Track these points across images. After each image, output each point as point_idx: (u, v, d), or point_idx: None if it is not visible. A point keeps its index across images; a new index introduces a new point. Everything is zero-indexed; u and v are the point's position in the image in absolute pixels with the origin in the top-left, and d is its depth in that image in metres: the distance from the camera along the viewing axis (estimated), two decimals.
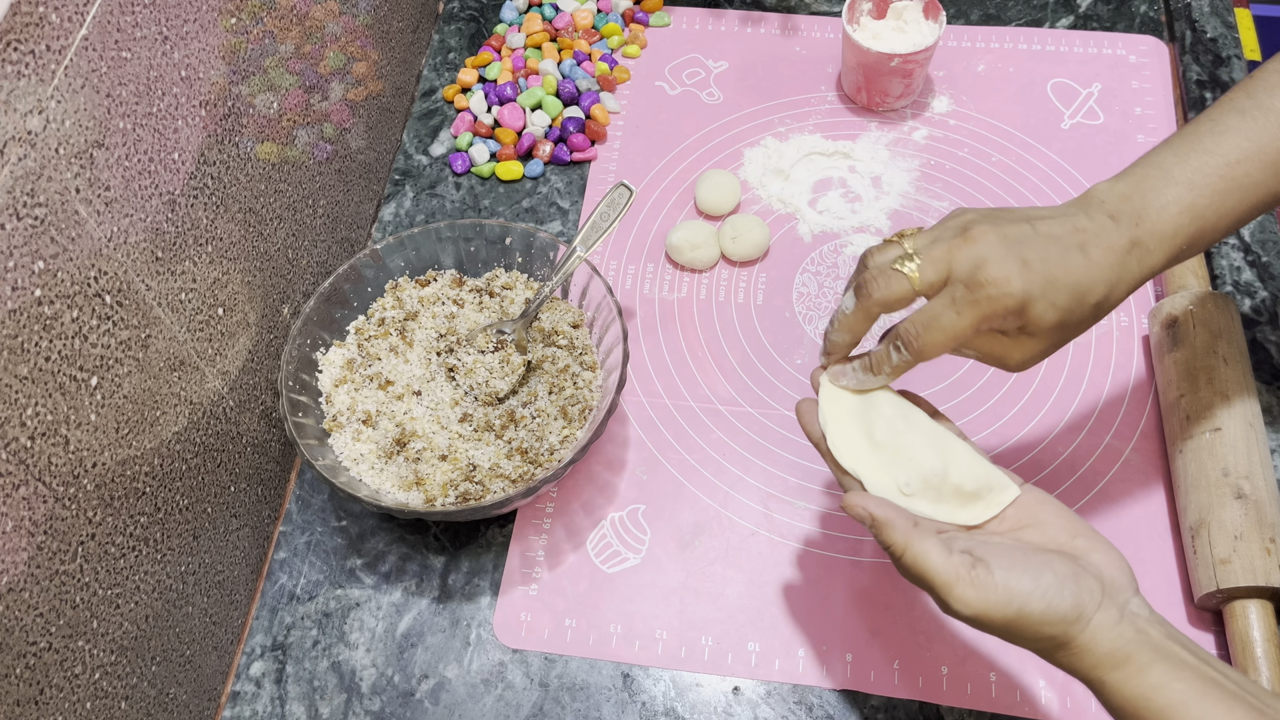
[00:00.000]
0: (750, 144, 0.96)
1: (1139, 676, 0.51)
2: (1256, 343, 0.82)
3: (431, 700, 0.72)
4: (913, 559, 0.54)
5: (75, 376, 0.54)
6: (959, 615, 0.53)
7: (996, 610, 0.52)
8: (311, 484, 0.81)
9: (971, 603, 0.52)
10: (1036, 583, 0.52)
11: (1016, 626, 0.52)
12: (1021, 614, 0.52)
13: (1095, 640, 0.52)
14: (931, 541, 0.54)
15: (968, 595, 0.52)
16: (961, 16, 1.03)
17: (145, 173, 0.59)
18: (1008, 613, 0.52)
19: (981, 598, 0.52)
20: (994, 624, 0.53)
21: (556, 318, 0.81)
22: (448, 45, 1.04)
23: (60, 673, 0.55)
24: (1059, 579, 0.53)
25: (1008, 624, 0.52)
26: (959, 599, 0.53)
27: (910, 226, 0.60)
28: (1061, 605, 0.52)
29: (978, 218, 0.56)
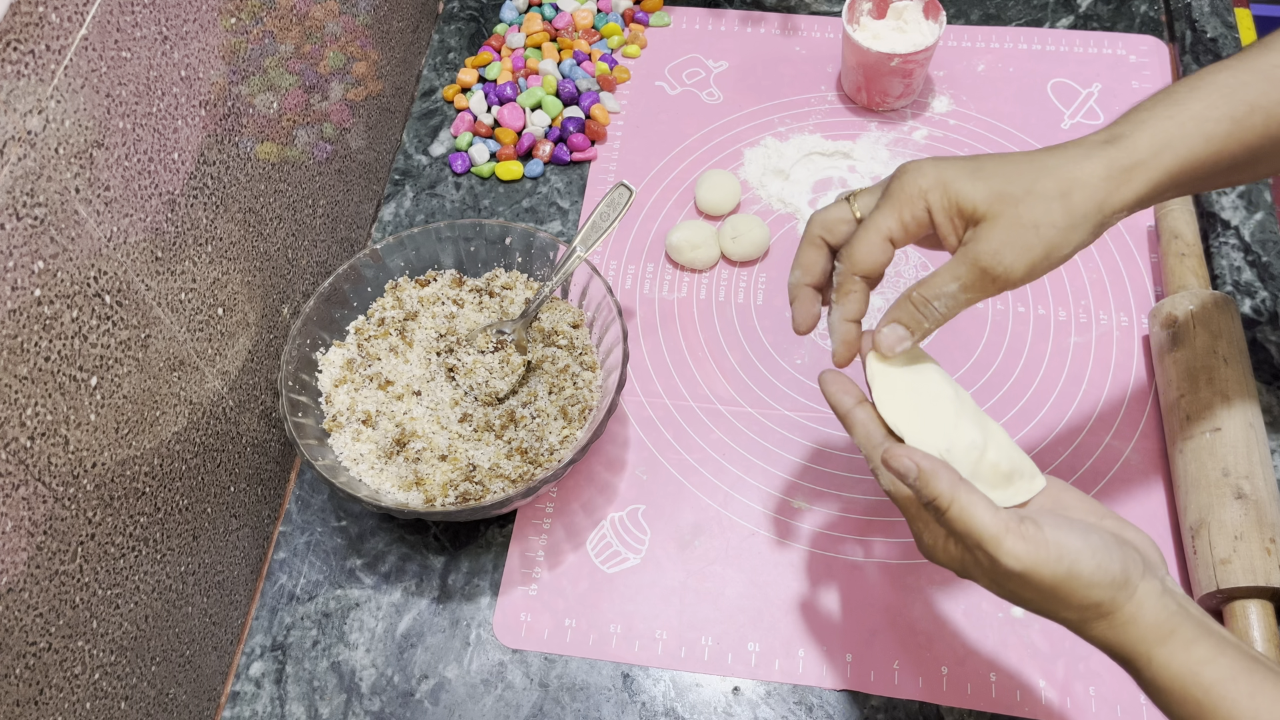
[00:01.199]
0: (750, 144, 0.96)
1: (1185, 651, 0.49)
2: (1256, 343, 0.82)
3: (431, 700, 0.72)
4: (959, 510, 0.51)
5: (75, 376, 0.54)
6: (1006, 571, 0.50)
7: (1047, 566, 0.50)
8: (311, 484, 0.81)
9: (1022, 556, 0.50)
10: (1086, 542, 0.51)
11: (1065, 588, 0.50)
12: (1072, 573, 0.50)
13: (1142, 610, 0.50)
14: (979, 495, 0.52)
15: (1018, 549, 0.50)
16: (961, 16, 1.02)
17: (145, 173, 0.59)
18: (1058, 570, 0.50)
19: (1032, 551, 0.50)
20: (1042, 583, 0.50)
21: (556, 318, 0.81)
22: (448, 45, 1.04)
23: (60, 673, 0.55)
24: (1105, 543, 0.51)
25: (1056, 585, 0.50)
26: (1009, 552, 0.50)
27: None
28: (1111, 567, 0.50)
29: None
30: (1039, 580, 0.50)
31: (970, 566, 0.54)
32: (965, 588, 0.74)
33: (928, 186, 0.55)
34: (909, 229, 0.56)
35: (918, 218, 0.55)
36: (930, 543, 0.55)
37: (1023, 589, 0.52)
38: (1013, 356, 0.84)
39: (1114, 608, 0.51)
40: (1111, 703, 0.70)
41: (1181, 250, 0.83)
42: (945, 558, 0.55)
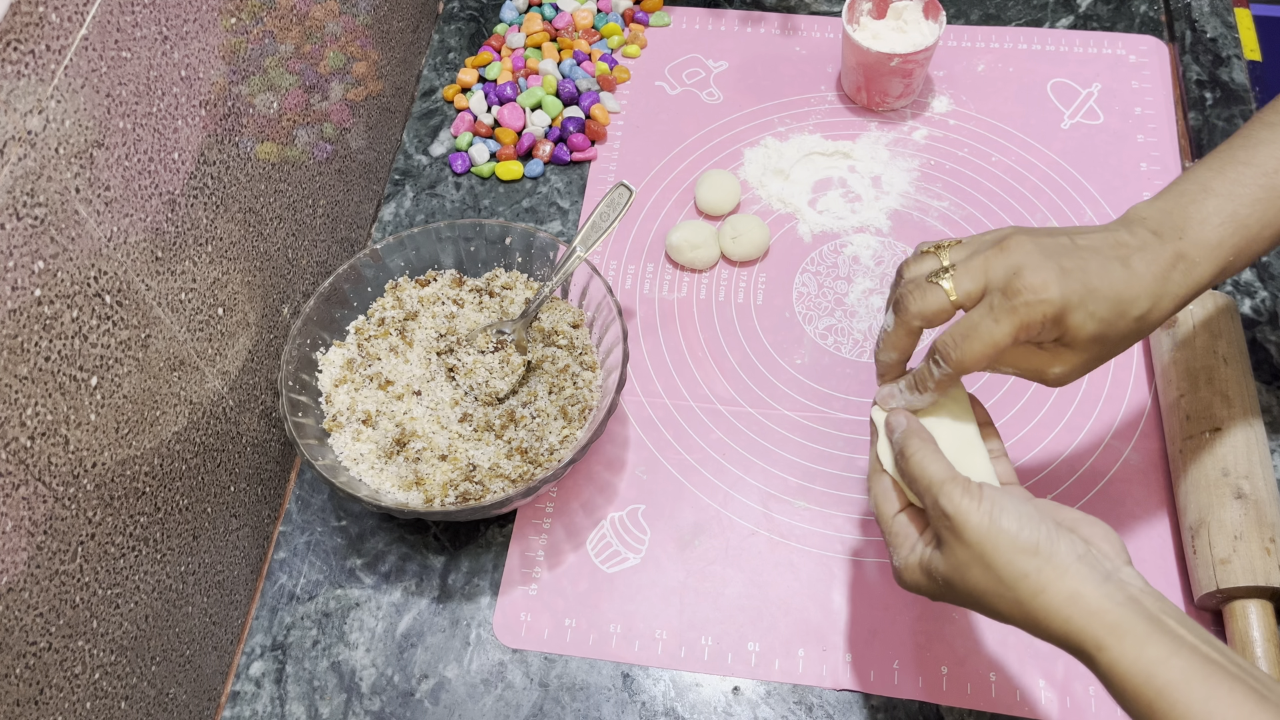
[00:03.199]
0: (750, 144, 0.96)
1: (1138, 649, 0.49)
2: (1256, 343, 0.82)
3: (431, 700, 0.72)
4: (917, 461, 0.55)
5: (75, 376, 0.54)
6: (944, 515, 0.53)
7: (974, 514, 0.52)
8: (311, 484, 0.81)
9: (955, 498, 0.53)
10: (1015, 504, 0.53)
11: (990, 543, 0.52)
12: (994, 526, 0.52)
13: (1082, 591, 0.50)
14: (942, 456, 0.55)
15: (954, 491, 0.53)
16: (961, 16, 1.02)
17: (145, 173, 0.59)
18: (983, 521, 0.52)
19: (966, 498, 0.53)
20: (969, 533, 0.52)
21: (556, 318, 0.81)
22: (448, 45, 1.04)
23: (60, 673, 0.55)
24: (1034, 513, 0.53)
25: (982, 537, 0.52)
26: (946, 494, 0.53)
27: (946, 239, 0.60)
28: (1032, 531, 0.52)
29: (1014, 230, 0.57)
30: (964, 528, 0.52)
31: (925, 561, 0.55)
32: None
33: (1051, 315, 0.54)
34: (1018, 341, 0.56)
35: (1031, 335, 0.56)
36: (899, 562, 0.58)
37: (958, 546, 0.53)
38: None
39: (1045, 581, 0.51)
40: (1111, 703, 0.69)
41: None
42: (908, 573, 0.57)
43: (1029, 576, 0.51)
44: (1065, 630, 0.51)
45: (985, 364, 0.56)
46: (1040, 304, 0.54)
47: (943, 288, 0.56)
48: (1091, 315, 0.54)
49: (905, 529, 0.58)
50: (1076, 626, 0.50)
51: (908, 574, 0.57)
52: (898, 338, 0.59)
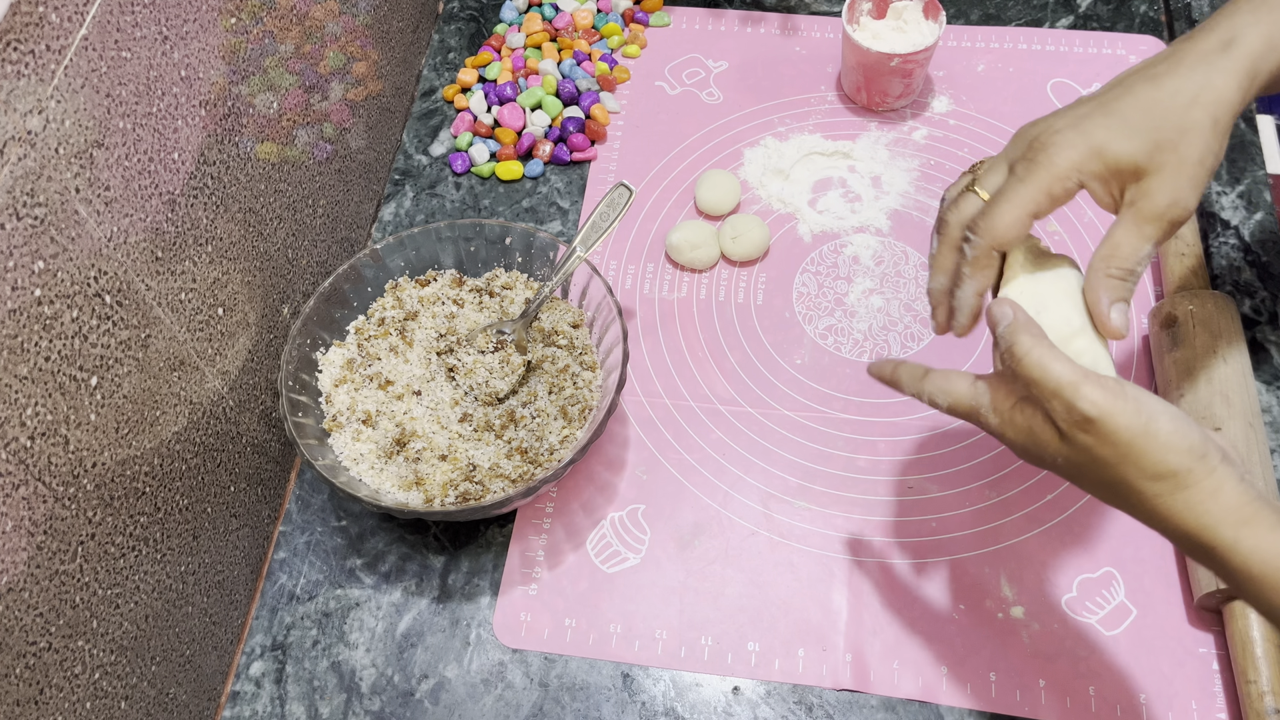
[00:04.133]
0: (750, 144, 0.96)
1: (1272, 534, 0.48)
2: (1256, 343, 0.82)
3: (431, 700, 0.72)
4: (1037, 360, 0.51)
5: (75, 376, 0.54)
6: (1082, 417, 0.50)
7: (1124, 415, 0.49)
8: (311, 484, 0.81)
9: (1099, 401, 0.50)
10: (1165, 407, 0.50)
11: (1140, 445, 0.49)
12: (1149, 430, 0.49)
13: (1223, 488, 0.49)
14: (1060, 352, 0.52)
15: (1095, 394, 0.50)
16: (961, 16, 1.03)
17: (145, 173, 0.59)
18: (1135, 423, 0.49)
19: (1110, 398, 0.50)
20: (1118, 434, 0.50)
21: (556, 318, 0.81)
22: (448, 45, 1.04)
23: (60, 673, 0.55)
24: (1184, 415, 0.51)
25: (1132, 439, 0.49)
26: (1085, 396, 0.50)
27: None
28: (1190, 433, 0.50)
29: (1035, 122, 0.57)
30: (1114, 430, 0.50)
31: (1039, 432, 0.53)
32: (964, 587, 0.74)
33: (1079, 160, 0.54)
34: (1056, 200, 0.55)
35: (1068, 191, 0.55)
36: (997, 422, 0.54)
37: (1097, 445, 0.50)
38: None
39: (1193, 480, 0.49)
40: (1111, 703, 0.70)
41: (1181, 250, 0.83)
42: (1013, 431, 0.54)
43: (1178, 474, 0.50)
44: (1200, 525, 0.50)
45: (1019, 226, 0.55)
46: (1063, 148, 0.53)
47: (975, 191, 0.57)
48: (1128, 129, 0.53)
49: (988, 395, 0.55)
50: (1214, 520, 0.49)
51: (1013, 432, 0.54)
52: (943, 257, 0.59)
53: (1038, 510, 0.77)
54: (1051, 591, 0.74)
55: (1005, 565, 0.75)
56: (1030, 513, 0.77)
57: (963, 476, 0.78)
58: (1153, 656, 0.71)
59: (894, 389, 0.61)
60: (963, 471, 0.79)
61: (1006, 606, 0.73)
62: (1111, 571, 0.74)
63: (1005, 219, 0.55)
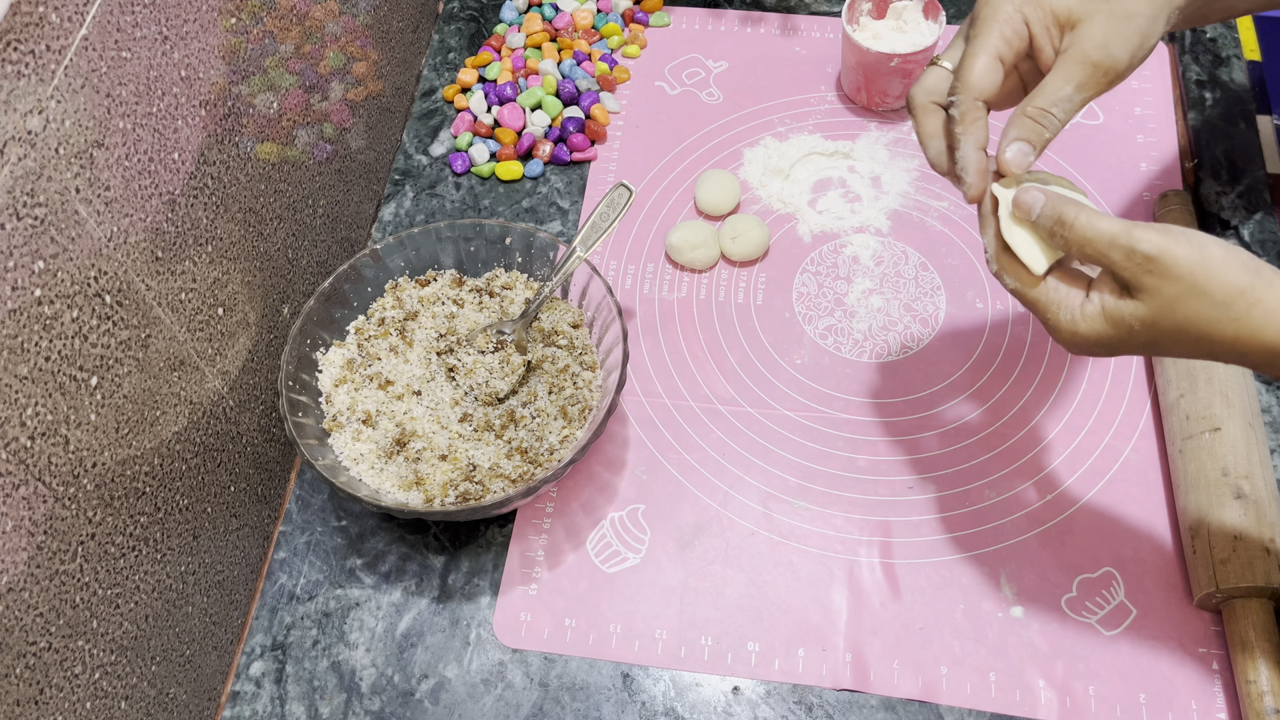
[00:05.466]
0: (750, 144, 0.96)
1: None
2: None
3: (431, 700, 0.72)
4: (1087, 219, 0.53)
5: (75, 376, 0.54)
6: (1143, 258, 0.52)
7: (1180, 246, 0.51)
8: (311, 484, 0.81)
9: (1154, 239, 0.52)
10: (1209, 236, 0.52)
11: (1203, 271, 0.51)
12: (1204, 254, 0.51)
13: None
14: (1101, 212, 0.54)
15: (1149, 234, 0.52)
16: (961, 16, 1.02)
17: (145, 173, 0.59)
18: (1191, 251, 0.51)
19: (1162, 235, 0.52)
20: (1179, 265, 0.51)
21: (556, 318, 0.81)
22: (448, 45, 1.04)
23: (60, 673, 0.55)
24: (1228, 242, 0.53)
25: (1193, 267, 0.51)
26: (1141, 238, 0.52)
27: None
28: (1239, 252, 0.52)
29: None
30: (1175, 261, 0.51)
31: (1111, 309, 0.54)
32: (964, 587, 0.74)
33: (1020, 2, 0.57)
34: (1013, 44, 0.58)
35: (1018, 32, 0.58)
36: (1068, 320, 0.56)
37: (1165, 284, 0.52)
38: (1012, 357, 0.84)
39: (1259, 294, 0.51)
40: (1111, 703, 0.70)
41: None
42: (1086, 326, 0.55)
43: (1245, 292, 0.51)
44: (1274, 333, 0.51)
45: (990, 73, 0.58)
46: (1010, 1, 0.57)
47: (936, 63, 0.62)
48: None
49: (1061, 288, 0.56)
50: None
51: (1085, 324, 0.55)
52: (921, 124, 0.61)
53: (1038, 510, 0.77)
54: (1051, 591, 0.74)
55: (1005, 565, 0.75)
56: (1030, 513, 0.77)
57: (963, 476, 0.79)
58: (1153, 656, 0.71)
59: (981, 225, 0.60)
60: (963, 471, 0.79)
61: (1006, 606, 0.73)
62: (1111, 571, 0.74)
63: (975, 67, 0.58)
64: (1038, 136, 0.57)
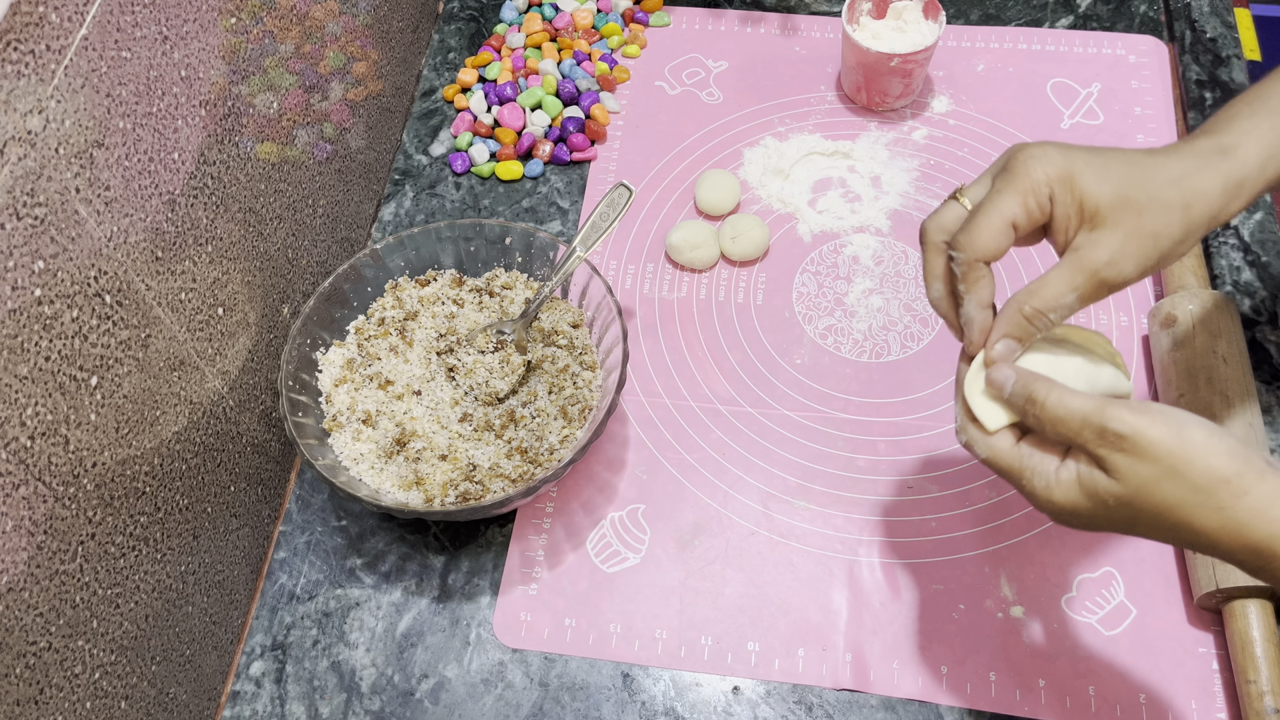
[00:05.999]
0: (750, 144, 0.96)
1: None
2: (1256, 343, 0.82)
3: (431, 700, 0.72)
4: (1058, 397, 0.52)
5: (75, 376, 0.54)
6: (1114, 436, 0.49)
7: (1155, 427, 0.49)
8: (311, 484, 0.81)
9: (1127, 418, 0.49)
10: (1193, 416, 0.50)
11: (1183, 454, 0.48)
12: (1184, 436, 0.48)
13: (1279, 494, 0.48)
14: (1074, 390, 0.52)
15: (1122, 413, 0.49)
16: (961, 16, 1.03)
17: (145, 172, 0.59)
18: (1168, 432, 0.49)
19: (1137, 414, 0.49)
20: (1156, 447, 0.49)
21: (556, 318, 0.81)
22: (448, 45, 1.04)
23: (60, 672, 0.55)
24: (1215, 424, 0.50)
25: (1172, 449, 0.48)
26: (1114, 417, 0.49)
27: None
28: (1226, 438, 0.49)
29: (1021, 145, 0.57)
30: (1150, 443, 0.49)
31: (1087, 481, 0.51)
32: (965, 587, 0.74)
33: (1055, 177, 0.53)
34: (1031, 216, 0.54)
35: (1041, 206, 0.54)
36: (1043, 487, 0.53)
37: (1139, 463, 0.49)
38: None
39: (1247, 485, 0.48)
40: (1111, 703, 0.70)
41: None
42: (1061, 494, 0.53)
43: (1230, 482, 0.48)
44: (1269, 533, 0.48)
45: (997, 239, 0.54)
46: (1042, 163, 0.53)
47: (957, 199, 0.57)
48: (1105, 173, 0.52)
49: (1036, 454, 0.54)
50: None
51: (1059, 491, 0.53)
52: (928, 264, 0.58)
53: (1038, 510, 0.77)
54: (1051, 591, 0.74)
55: (1005, 565, 0.75)
56: (1030, 513, 0.77)
57: (963, 476, 0.78)
58: (1153, 656, 0.71)
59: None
60: (963, 471, 0.79)
61: (1006, 606, 0.73)
62: (1111, 571, 0.74)
63: (984, 229, 0.54)
64: (1028, 335, 0.55)
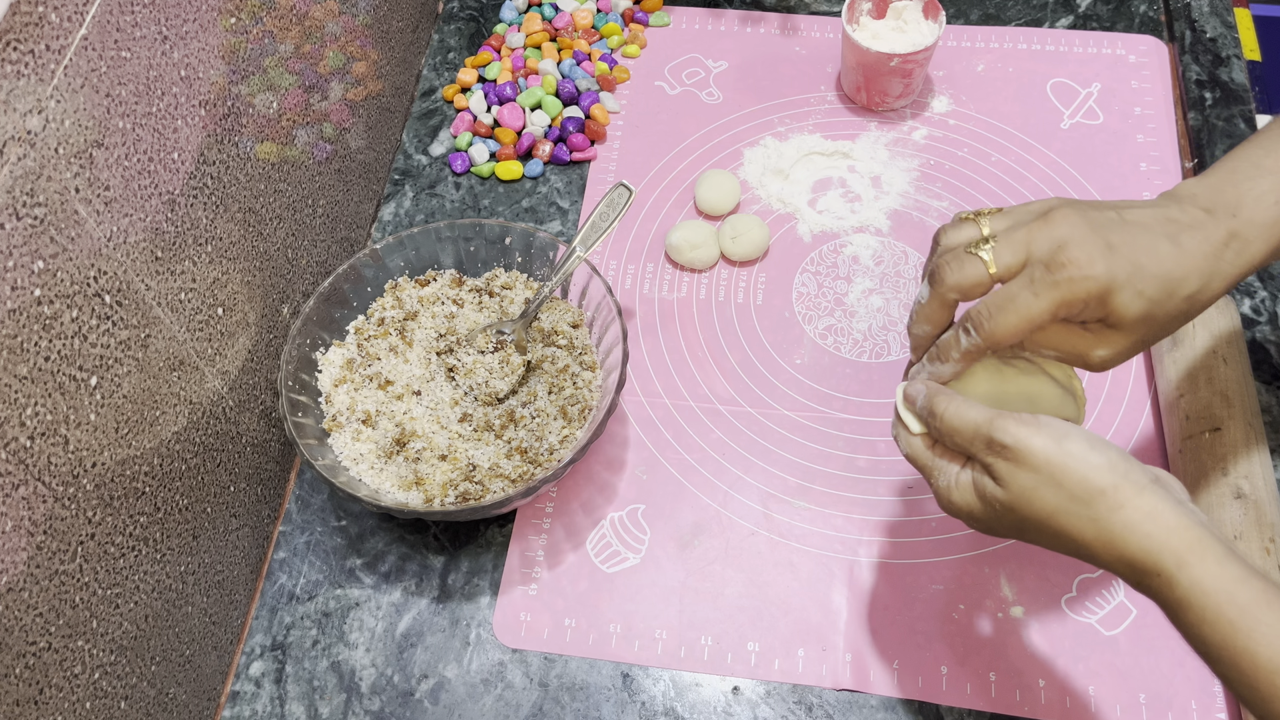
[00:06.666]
0: (750, 144, 0.96)
1: (1219, 567, 0.47)
2: (1256, 343, 0.82)
3: (431, 700, 0.72)
4: (955, 410, 0.53)
5: (75, 376, 0.54)
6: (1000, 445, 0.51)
7: (1037, 438, 0.50)
8: (311, 484, 0.81)
9: (1011, 429, 0.51)
10: (1082, 431, 0.51)
11: (1058, 463, 0.50)
12: (1063, 448, 0.50)
13: (1160, 510, 0.48)
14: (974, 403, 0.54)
15: (1008, 424, 0.51)
16: (961, 16, 1.03)
17: (145, 172, 0.59)
18: (1048, 443, 0.50)
19: (1023, 426, 0.51)
20: (1035, 457, 0.50)
21: (556, 318, 0.81)
22: (447, 45, 1.04)
23: (60, 672, 0.55)
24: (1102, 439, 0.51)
25: (1049, 457, 0.50)
26: (1000, 428, 0.51)
27: (985, 206, 0.58)
28: (1107, 451, 0.50)
29: (1060, 203, 0.54)
30: (1029, 451, 0.50)
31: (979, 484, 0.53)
32: (965, 587, 0.74)
33: (1094, 295, 0.52)
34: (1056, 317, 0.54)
35: (1072, 314, 0.54)
36: (945, 485, 0.55)
37: (1020, 470, 0.51)
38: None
39: (1123, 498, 0.49)
40: (1111, 703, 0.70)
41: None
42: (959, 494, 0.55)
43: (1106, 494, 0.49)
44: (1143, 547, 0.49)
45: (1019, 337, 0.54)
46: (1085, 280, 0.52)
47: (982, 259, 0.54)
48: (1140, 294, 0.52)
49: (943, 460, 0.56)
50: (1157, 543, 0.48)
51: (957, 492, 0.55)
52: (932, 310, 0.57)
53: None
54: (1051, 591, 0.74)
55: (1005, 565, 0.75)
56: None
57: None
58: (1153, 656, 0.71)
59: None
60: None
61: (1006, 606, 0.73)
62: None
63: (1011, 328, 0.53)
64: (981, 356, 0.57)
